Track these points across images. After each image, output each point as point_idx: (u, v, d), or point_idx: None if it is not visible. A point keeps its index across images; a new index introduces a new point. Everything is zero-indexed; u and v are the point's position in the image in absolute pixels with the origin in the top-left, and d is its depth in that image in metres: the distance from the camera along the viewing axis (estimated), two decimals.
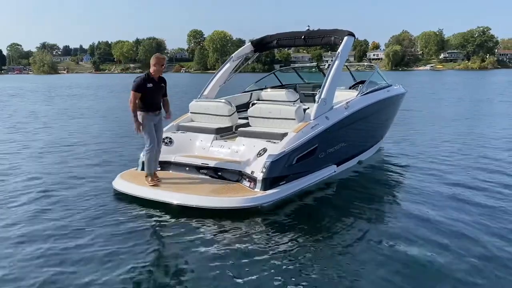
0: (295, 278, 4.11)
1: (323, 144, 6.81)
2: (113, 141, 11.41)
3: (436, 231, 5.18)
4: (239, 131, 7.10)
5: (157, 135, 6.51)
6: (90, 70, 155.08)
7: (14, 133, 13.09)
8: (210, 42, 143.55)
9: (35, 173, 7.90)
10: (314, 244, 4.87)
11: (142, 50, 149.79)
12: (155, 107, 6.37)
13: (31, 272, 4.18)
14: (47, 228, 5.22)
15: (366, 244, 4.90)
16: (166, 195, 5.93)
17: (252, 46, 9.15)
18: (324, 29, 8.67)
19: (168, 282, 4.06)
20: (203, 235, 5.03)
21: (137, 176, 6.67)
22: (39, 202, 6.18)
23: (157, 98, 6.40)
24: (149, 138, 6.33)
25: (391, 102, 9.13)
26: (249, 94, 9.32)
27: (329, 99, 7.16)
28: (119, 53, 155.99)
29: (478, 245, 4.80)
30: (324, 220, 5.60)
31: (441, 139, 11.42)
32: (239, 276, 4.12)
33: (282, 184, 6.13)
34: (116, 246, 4.72)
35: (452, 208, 5.98)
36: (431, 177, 7.60)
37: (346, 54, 7.77)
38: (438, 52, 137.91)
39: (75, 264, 4.34)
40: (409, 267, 4.32)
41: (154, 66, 6.30)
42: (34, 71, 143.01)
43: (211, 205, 5.65)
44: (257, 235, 5.09)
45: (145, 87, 6.18)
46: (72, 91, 40.00)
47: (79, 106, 23.12)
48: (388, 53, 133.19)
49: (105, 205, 6.03)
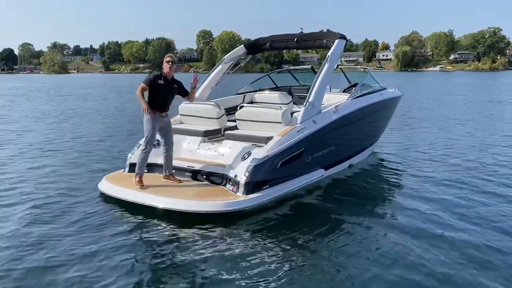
0: (274, 281, 4.12)
1: (310, 148, 6.78)
2: (103, 142, 11.46)
3: (428, 236, 5.13)
4: (226, 134, 7.10)
5: (167, 138, 6.53)
6: (100, 70, 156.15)
7: (7, 133, 13.25)
8: (218, 42, 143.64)
9: (22, 173, 7.98)
10: (296, 248, 4.86)
11: (152, 50, 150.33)
12: (162, 107, 6.36)
13: (12, 277, 4.18)
14: (30, 231, 5.22)
15: (349, 248, 4.87)
16: (150, 199, 5.93)
17: (245, 48, 9.14)
18: (316, 32, 8.65)
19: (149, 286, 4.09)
20: (185, 239, 5.06)
21: (124, 178, 6.69)
22: (23, 205, 6.20)
23: (166, 98, 6.38)
24: (147, 139, 6.35)
25: (384, 105, 9.06)
26: (242, 96, 9.31)
27: (317, 102, 7.12)
28: (128, 53, 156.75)
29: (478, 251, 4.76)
30: (309, 224, 5.57)
31: (441, 143, 11.32)
32: (218, 280, 4.15)
33: (266, 188, 6.11)
34: (98, 248, 4.74)
35: (445, 214, 5.88)
36: (425, 181, 7.52)
37: (336, 57, 7.72)
38: (448, 53, 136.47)
39: (57, 267, 4.36)
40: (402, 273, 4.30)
41: (164, 64, 6.43)
42: (44, 71, 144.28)
43: (193, 209, 5.64)
44: (239, 239, 5.10)
45: (155, 83, 6.25)
46: (77, 91, 40.27)
47: (74, 106, 23.31)
48: (398, 53, 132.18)
49: (90, 207, 6.05)
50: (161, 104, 6.34)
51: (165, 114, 6.44)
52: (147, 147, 6.37)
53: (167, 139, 6.54)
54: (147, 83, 6.24)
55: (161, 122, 6.39)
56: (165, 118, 6.46)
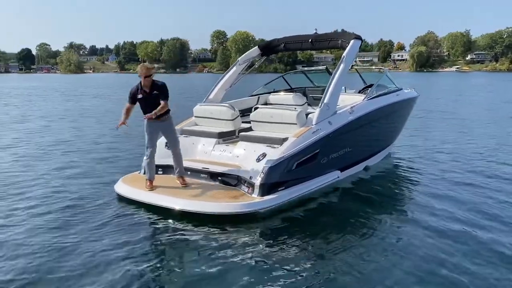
0: (289, 283, 4.10)
1: (325, 149, 6.73)
2: (121, 144, 11.49)
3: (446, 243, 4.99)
4: (240, 135, 7.08)
5: (171, 140, 6.50)
6: (115, 70, 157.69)
7: (21, 132, 13.43)
8: (232, 42, 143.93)
9: (38, 174, 8.05)
10: (311, 251, 4.83)
11: (166, 51, 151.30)
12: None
13: (29, 275, 4.22)
14: (46, 231, 5.29)
15: (366, 252, 4.80)
16: (166, 200, 5.94)
17: (259, 50, 9.12)
18: (331, 32, 8.59)
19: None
20: (199, 240, 5.06)
21: (140, 179, 6.70)
22: (40, 204, 6.28)
23: (149, 107, 6.17)
24: (146, 145, 6.42)
25: (401, 106, 8.95)
26: (256, 98, 9.29)
27: (332, 103, 7.06)
28: (143, 53, 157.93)
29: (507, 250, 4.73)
30: (324, 226, 5.54)
31: (460, 144, 11.16)
32: (232, 281, 4.14)
33: (281, 190, 6.08)
34: (114, 249, 4.77)
35: (467, 214, 5.80)
36: (444, 183, 7.41)
37: (352, 58, 7.66)
38: (464, 53, 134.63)
39: (73, 265, 4.39)
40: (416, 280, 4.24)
41: (140, 77, 6.19)
42: (61, 71, 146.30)
43: (208, 211, 5.63)
44: (254, 241, 5.08)
45: (135, 98, 6.27)
46: (93, 91, 40.70)
47: (90, 106, 23.54)
48: (413, 54, 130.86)
49: (106, 208, 6.08)
50: (148, 112, 6.15)
51: (161, 119, 6.25)
52: (148, 153, 6.40)
53: (170, 140, 6.52)
54: (130, 101, 6.31)
55: (161, 127, 6.35)
56: (164, 122, 6.34)
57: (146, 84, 6.19)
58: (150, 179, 6.41)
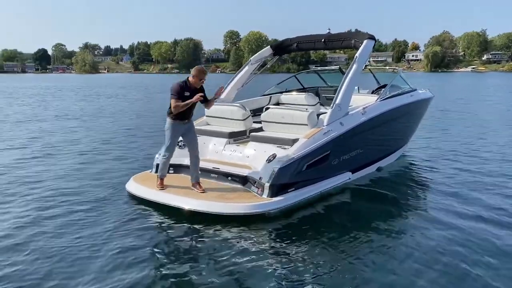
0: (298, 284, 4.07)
1: (336, 151, 6.65)
2: (131, 142, 11.61)
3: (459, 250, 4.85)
4: (251, 135, 7.04)
5: (191, 143, 6.36)
6: (130, 70, 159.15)
7: (34, 131, 13.58)
8: (245, 42, 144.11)
9: (50, 172, 8.14)
10: (321, 253, 4.77)
11: (180, 51, 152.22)
12: (185, 116, 6.13)
13: (39, 272, 4.26)
14: (57, 227, 5.34)
15: (377, 253, 4.72)
16: (176, 200, 5.93)
17: (271, 50, 9.06)
18: (344, 32, 8.50)
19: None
20: (208, 241, 5.05)
21: (151, 178, 6.71)
22: (52, 202, 6.33)
23: (190, 108, 6.08)
24: (167, 145, 6.28)
25: (414, 107, 8.82)
26: (268, 98, 9.24)
27: (344, 104, 6.98)
28: (157, 53, 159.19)
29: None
30: (335, 228, 5.48)
31: (476, 146, 10.89)
32: (241, 282, 4.13)
33: (291, 191, 6.02)
34: (124, 248, 4.77)
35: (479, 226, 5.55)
36: (460, 186, 7.25)
37: (365, 58, 7.57)
38: (480, 53, 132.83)
39: (82, 264, 4.41)
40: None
41: (194, 77, 6.01)
42: (76, 71, 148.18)
43: (217, 211, 5.61)
44: (263, 242, 5.04)
45: (182, 95, 5.95)
46: (106, 91, 41.08)
47: (103, 106, 23.74)
48: (428, 54, 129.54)
49: (117, 208, 6.10)
50: (185, 114, 6.10)
51: (187, 121, 6.21)
52: (167, 153, 6.30)
53: (190, 142, 6.37)
54: (178, 96, 5.92)
55: (183, 129, 6.25)
56: (187, 124, 6.24)
57: (196, 85, 6.03)
58: (162, 177, 6.40)
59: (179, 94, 5.91)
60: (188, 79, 6.05)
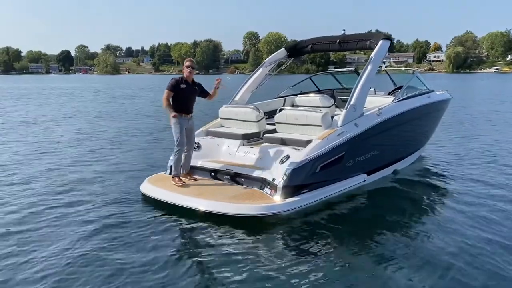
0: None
1: (351, 152, 6.60)
2: (145, 143, 11.70)
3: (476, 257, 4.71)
4: (264, 137, 7.05)
5: (189, 139, 6.70)
6: (150, 71, 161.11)
7: (46, 130, 13.86)
8: (264, 43, 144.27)
9: (64, 172, 8.27)
10: (334, 255, 4.75)
11: (200, 52, 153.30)
12: (187, 109, 6.61)
13: (51, 272, 4.31)
14: (72, 230, 5.40)
15: (388, 262, 4.62)
16: (190, 201, 5.97)
17: (286, 51, 9.04)
18: (359, 33, 8.44)
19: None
20: (221, 241, 5.07)
21: (165, 180, 6.77)
22: (65, 204, 6.41)
23: (190, 100, 6.66)
24: (178, 140, 6.53)
25: (432, 108, 8.69)
26: (283, 100, 9.22)
27: (359, 105, 6.92)
28: (177, 54, 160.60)
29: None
30: (349, 230, 5.44)
31: (497, 149, 10.59)
32: (252, 283, 4.14)
33: (304, 193, 6.00)
34: (137, 249, 4.82)
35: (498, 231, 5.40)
36: (478, 190, 7.08)
37: (379, 59, 7.49)
38: (505, 53, 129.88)
39: (94, 265, 4.46)
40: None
41: (183, 69, 6.74)
42: (98, 72, 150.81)
43: (230, 212, 5.63)
44: (275, 244, 5.05)
45: (178, 87, 6.52)
46: (126, 92, 41.62)
47: (122, 107, 24.05)
48: (450, 54, 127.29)
49: (132, 209, 6.16)
50: (186, 106, 6.60)
51: (190, 116, 6.68)
52: (180, 148, 6.55)
53: (189, 140, 6.72)
54: (171, 89, 6.49)
55: (187, 124, 6.62)
56: (190, 120, 6.68)
57: (190, 76, 6.67)
58: (177, 176, 6.52)
59: (173, 87, 6.51)
60: (183, 74, 6.72)
